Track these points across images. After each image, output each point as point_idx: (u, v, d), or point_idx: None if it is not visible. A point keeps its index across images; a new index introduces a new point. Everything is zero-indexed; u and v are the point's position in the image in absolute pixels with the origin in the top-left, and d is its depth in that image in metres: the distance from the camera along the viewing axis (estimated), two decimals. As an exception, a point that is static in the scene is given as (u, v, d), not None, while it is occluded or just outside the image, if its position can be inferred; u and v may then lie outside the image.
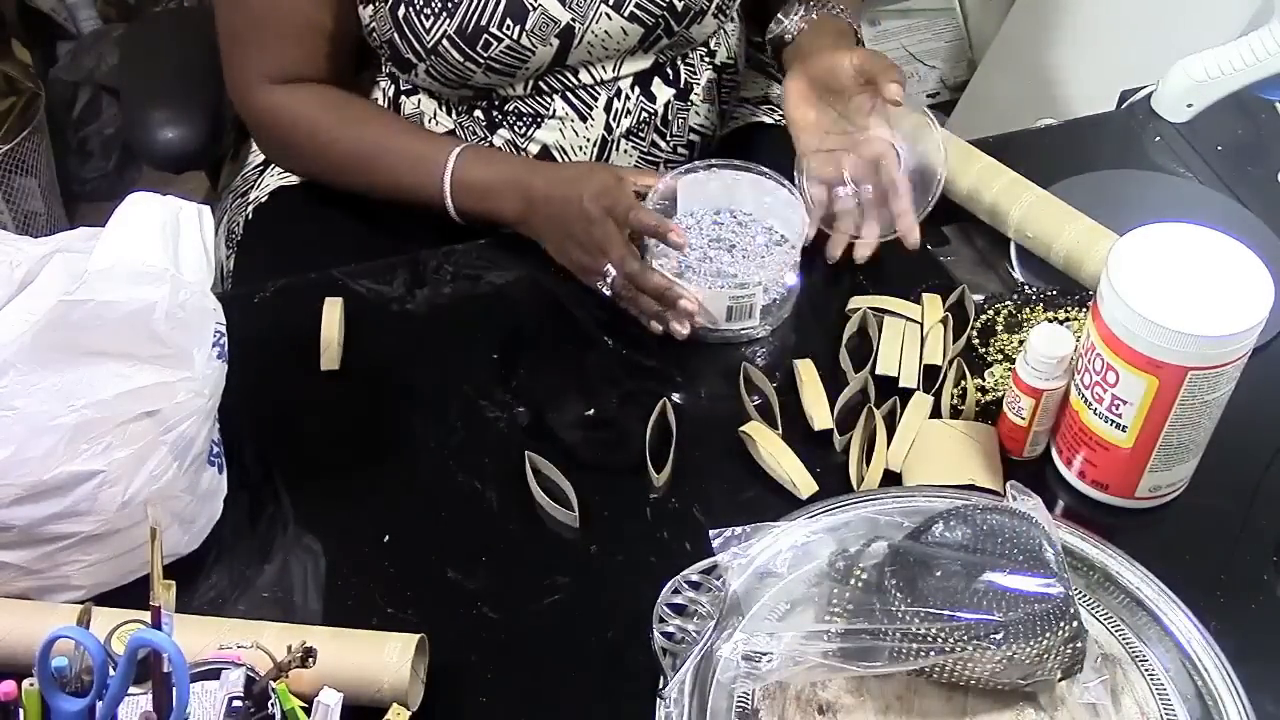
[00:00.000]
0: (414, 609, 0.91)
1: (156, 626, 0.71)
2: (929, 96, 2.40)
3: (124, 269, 0.83)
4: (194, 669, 0.76)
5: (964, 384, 1.05)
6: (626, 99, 1.23)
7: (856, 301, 1.11)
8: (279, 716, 0.75)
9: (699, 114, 1.29)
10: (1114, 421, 0.93)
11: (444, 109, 1.24)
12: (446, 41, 1.15)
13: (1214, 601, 0.91)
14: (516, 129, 1.23)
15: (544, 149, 1.24)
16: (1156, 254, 0.90)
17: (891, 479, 0.99)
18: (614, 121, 1.24)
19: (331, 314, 1.08)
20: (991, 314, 1.11)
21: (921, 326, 1.09)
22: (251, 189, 1.31)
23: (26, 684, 0.71)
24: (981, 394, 1.05)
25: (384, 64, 1.24)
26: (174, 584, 0.72)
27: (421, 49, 1.16)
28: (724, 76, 1.30)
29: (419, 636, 0.85)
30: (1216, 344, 0.87)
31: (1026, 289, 1.14)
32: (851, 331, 1.09)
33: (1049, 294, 1.12)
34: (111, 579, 0.90)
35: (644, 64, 1.23)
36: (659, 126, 1.26)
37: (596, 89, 1.22)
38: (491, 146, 1.24)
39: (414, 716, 0.82)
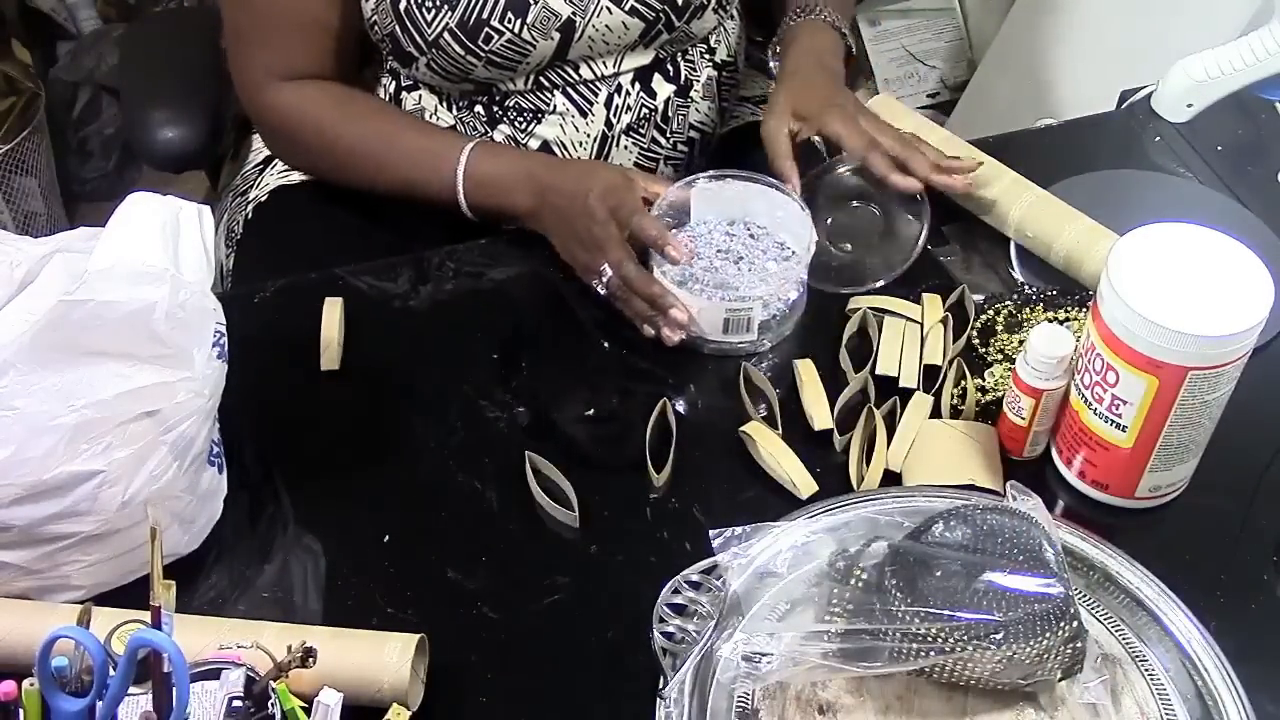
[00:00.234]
0: (414, 609, 0.91)
1: (156, 626, 0.71)
2: (929, 96, 2.40)
3: (124, 269, 0.83)
4: (194, 669, 0.76)
5: (964, 384, 1.05)
6: (627, 95, 1.23)
7: (856, 301, 1.11)
8: (279, 716, 0.75)
9: (699, 111, 1.29)
10: (1114, 421, 0.93)
11: (444, 104, 1.24)
12: (448, 34, 1.15)
13: (1214, 601, 0.91)
14: (517, 124, 1.23)
15: (544, 144, 1.24)
16: (1156, 254, 0.90)
17: (891, 479, 0.99)
18: (614, 117, 1.24)
19: (331, 314, 1.08)
20: (991, 314, 1.11)
21: (921, 326, 1.09)
22: (251, 188, 1.31)
23: (26, 684, 0.71)
24: (981, 394, 1.05)
25: (385, 59, 1.24)
26: (174, 584, 0.72)
27: (422, 42, 1.16)
28: (724, 74, 1.30)
29: (419, 636, 0.85)
30: (1216, 344, 0.87)
31: (1026, 289, 1.14)
32: (851, 331, 1.09)
33: (1049, 294, 1.12)
34: (111, 579, 0.90)
35: (644, 60, 1.23)
36: (659, 123, 1.26)
37: (597, 84, 1.22)
38: (499, 142, 1.24)
39: (414, 716, 0.82)
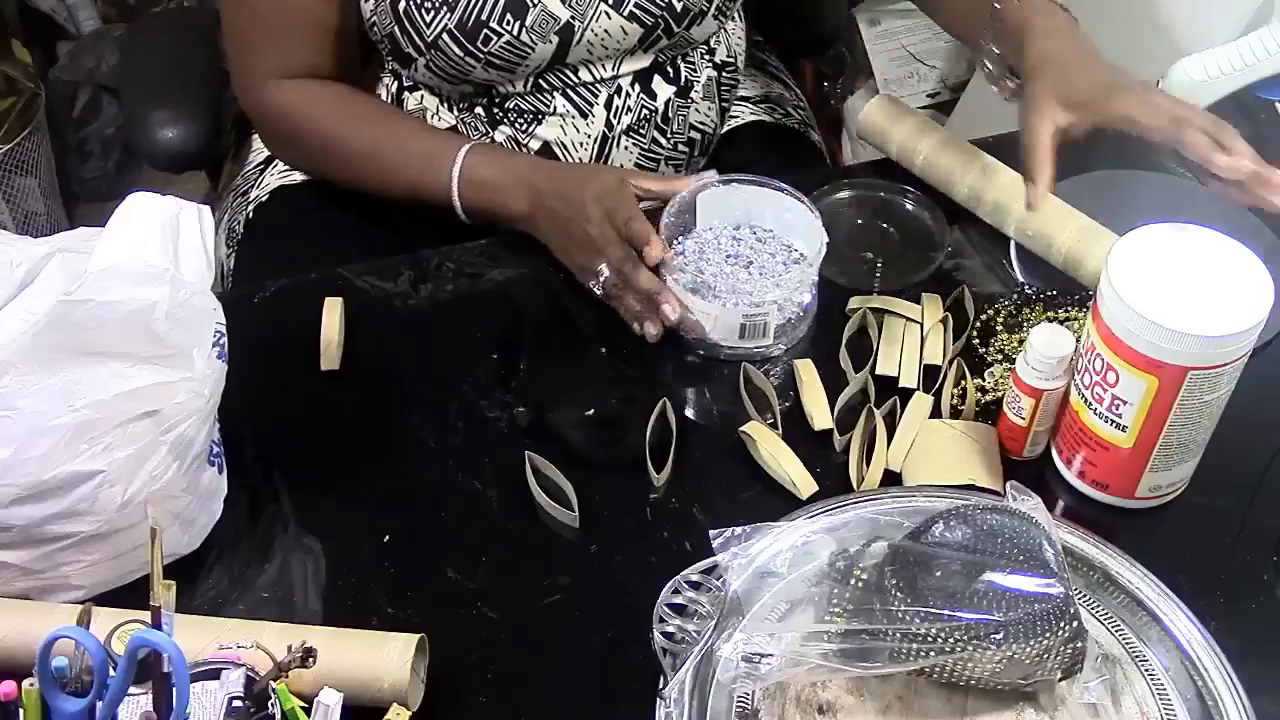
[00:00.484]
0: (414, 609, 0.91)
1: (156, 626, 0.71)
2: (929, 96, 2.39)
3: (124, 269, 0.83)
4: (194, 669, 0.76)
5: (964, 384, 1.05)
6: (627, 96, 1.23)
7: (856, 301, 1.11)
8: (279, 716, 0.75)
9: (699, 112, 1.29)
10: (1114, 422, 0.93)
11: (445, 105, 1.24)
12: (446, 36, 1.15)
13: (1214, 601, 0.91)
14: (518, 125, 1.23)
15: (545, 145, 1.24)
16: (1156, 254, 0.90)
17: (891, 479, 0.99)
18: (614, 119, 1.24)
19: (331, 314, 1.08)
20: (991, 314, 1.11)
21: (921, 326, 1.09)
22: (252, 188, 1.31)
23: (26, 684, 0.71)
24: (981, 394, 1.05)
25: (386, 60, 1.24)
26: (174, 584, 0.72)
27: (421, 43, 1.16)
28: (724, 74, 1.30)
29: (419, 636, 0.85)
30: (1216, 344, 0.87)
31: (1026, 289, 1.14)
32: (852, 331, 1.09)
33: (1049, 294, 1.12)
34: (111, 579, 0.90)
35: (643, 63, 1.23)
36: (659, 124, 1.26)
37: (596, 86, 1.22)
38: (498, 144, 1.24)
39: (414, 716, 0.82)
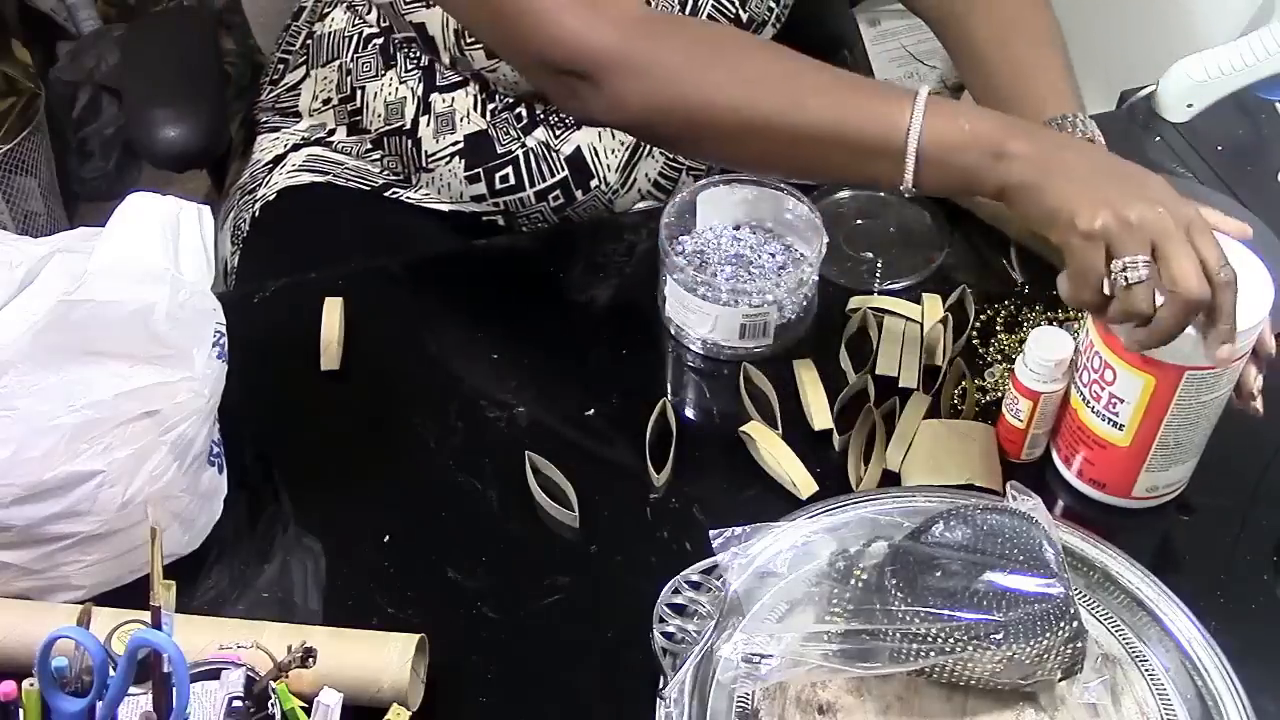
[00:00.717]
0: (414, 609, 0.91)
1: (156, 626, 0.71)
2: (929, 96, 2.39)
3: (124, 269, 0.83)
4: (194, 669, 0.76)
5: (964, 384, 1.05)
6: None
7: (857, 301, 1.11)
8: (279, 716, 0.75)
9: None
10: (1111, 420, 0.93)
11: (478, 109, 1.21)
12: None
13: (1214, 601, 0.91)
14: (555, 130, 1.21)
15: (576, 150, 1.22)
16: None
17: (891, 479, 0.99)
18: None
19: (331, 314, 1.08)
20: (991, 314, 1.11)
21: (921, 327, 1.09)
22: (260, 186, 1.31)
23: (26, 684, 0.71)
24: (981, 394, 1.05)
25: (418, 57, 1.21)
26: (174, 584, 0.72)
27: None
28: None
29: (419, 636, 0.85)
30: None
31: (1027, 289, 1.14)
32: (852, 331, 1.09)
33: (1049, 294, 1.12)
34: (111, 579, 0.90)
35: None
36: None
37: None
38: None
39: (414, 716, 0.82)
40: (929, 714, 0.85)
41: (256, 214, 1.29)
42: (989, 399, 1.05)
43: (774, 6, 1.20)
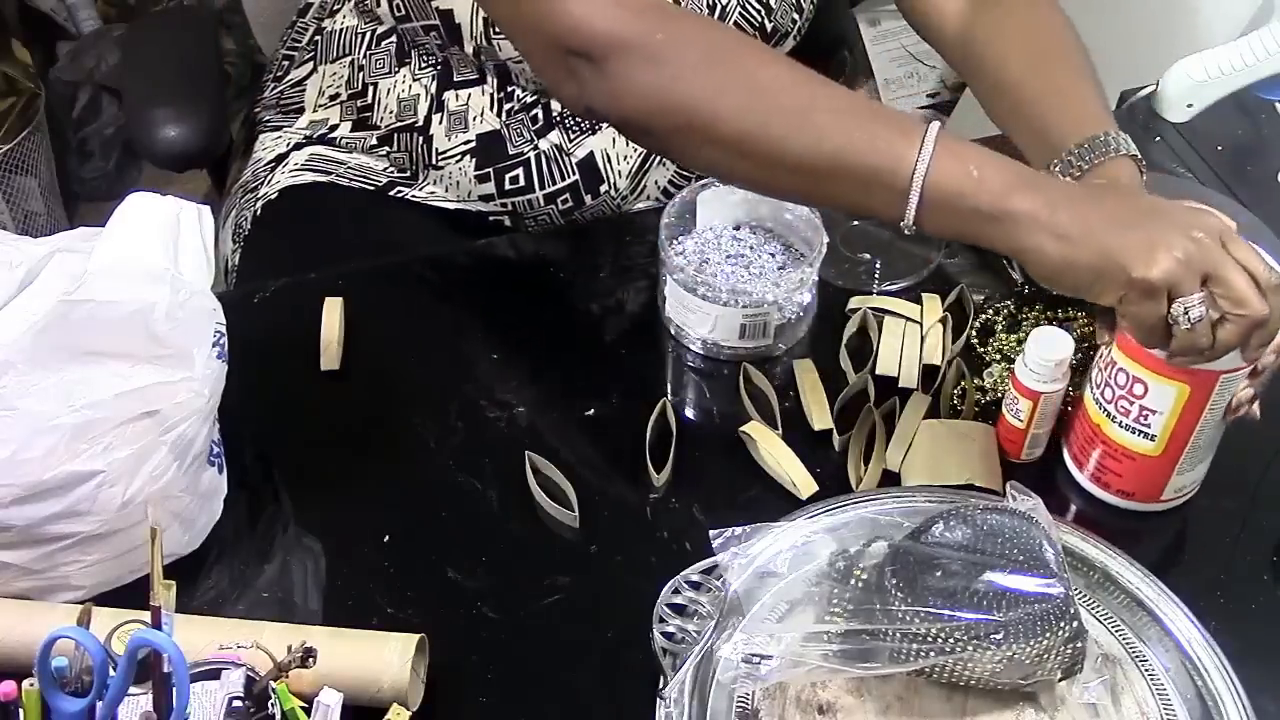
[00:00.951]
0: (414, 609, 0.91)
1: (156, 626, 0.71)
2: (929, 96, 2.39)
3: (124, 269, 0.83)
4: (194, 669, 0.76)
5: (963, 384, 1.05)
6: None
7: (856, 301, 1.11)
8: (279, 716, 0.75)
9: None
10: (1142, 432, 0.92)
11: (494, 108, 1.21)
12: None
13: (1214, 601, 0.91)
14: (570, 133, 1.21)
15: (589, 155, 1.21)
16: None
17: (891, 479, 0.99)
18: None
19: (331, 314, 1.08)
20: (991, 314, 1.11)
21: (921, 326, 1.09)
22: (262, 185, 1.30)
23: (26, 684, 0.71)
24: (981, 394, 1.05)
25: (434, 51, 1.21)
26: (174, 584, 0.72)
27: None
28: None
29: (419, 636, 0.85)
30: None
31: (1027, 289, 1.14)
32: (852, 331, 1.09)
33: (1050, 294, 1.12)
34: (111, 579, 0.90)
35: None
36: None
37: None
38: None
39: (414, 716, 0.82)
40: (929, 714, 0.85)
41: (258, 212, 1.29)
42: (989, 399, 1.05)
43: (796, 19, 1.20)
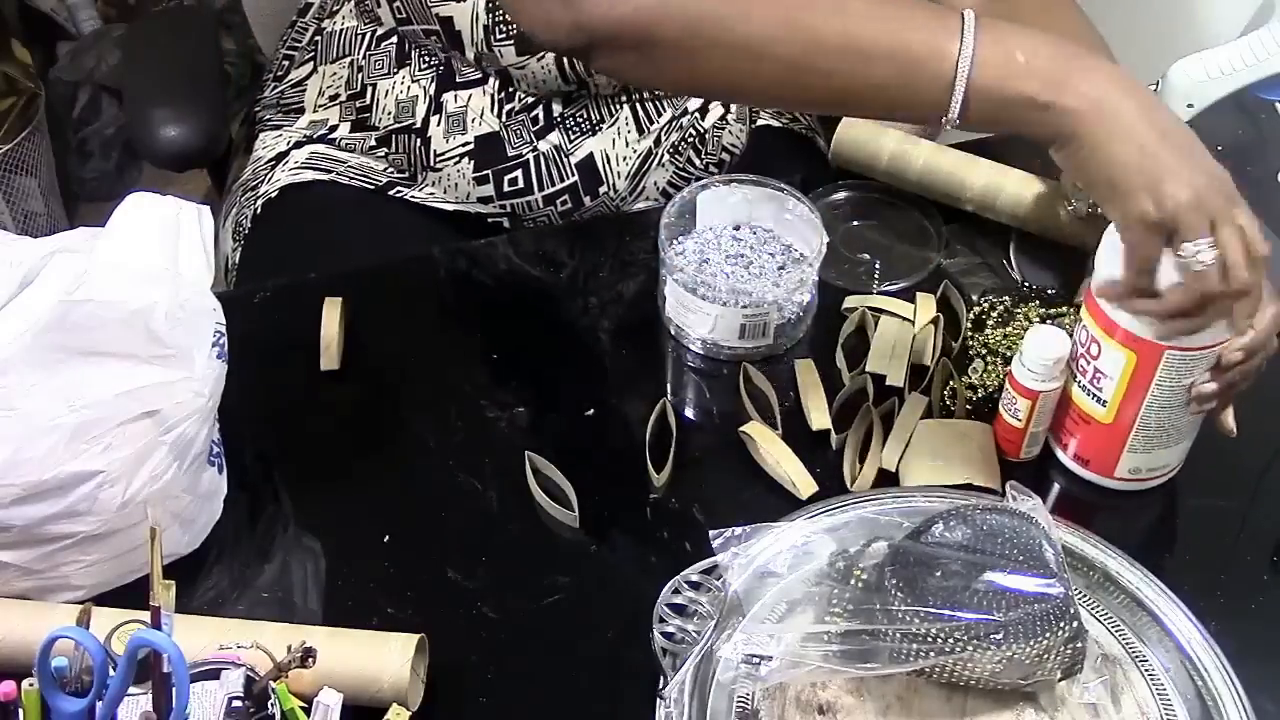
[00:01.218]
0: (414, 609, 0.91)
1: (156, 626, 0.71)
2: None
3: (124, 269, 0.83)
4: (194, 669, 0.76)
5: (952, 384, 1.05)
6: (685, 114, 1.22)
7: (853, 301, 1.11)
8: (279, 716, 0.75)
9: (732, 134, 1.28)
10: (1095, 395, 0.93)
11: (493, 109, 1.21)
12: None
13: (1214, 601, 0.91)
14: (570, 135, 1.21)
15: (588, 156, 1.22)
16: None
17: (890, 479, 0.99)
18: (664, 135, 1.23)
19: (331, 314, 1.08)
20: (985, 309, 1.11)
21: (913, 325, 1.09)
22: (262, 183, 1.30)
23: (26, 684, 0.71)
24: (972, 392, 1.05)
25: (434, 53, 1.21)
26: (174, 584, 0.72)
27: None
28: None
29: (419, 636, 0.85)
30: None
31: (1024, 287, 1.14)
32: (849, 331, 1.09)
33: (1046, 292, 1.13)
34: (111, 579, 0.90)
35: None
36: (696, 144, 1.26)
37: (663, 104, 1.21)
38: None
39: (414, 716, 0.82)
40: (929, 714, 0.85)
41: (259, 211, 1.29)
42: (980, 396, 1.05)
43: None
